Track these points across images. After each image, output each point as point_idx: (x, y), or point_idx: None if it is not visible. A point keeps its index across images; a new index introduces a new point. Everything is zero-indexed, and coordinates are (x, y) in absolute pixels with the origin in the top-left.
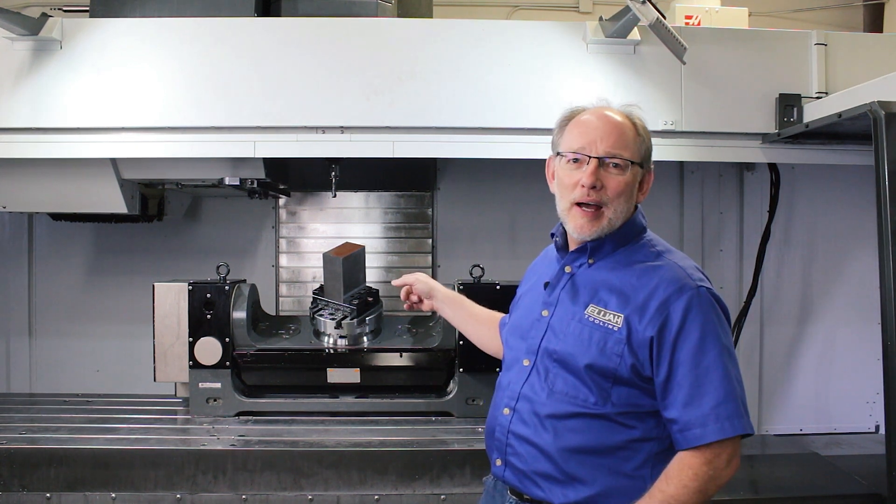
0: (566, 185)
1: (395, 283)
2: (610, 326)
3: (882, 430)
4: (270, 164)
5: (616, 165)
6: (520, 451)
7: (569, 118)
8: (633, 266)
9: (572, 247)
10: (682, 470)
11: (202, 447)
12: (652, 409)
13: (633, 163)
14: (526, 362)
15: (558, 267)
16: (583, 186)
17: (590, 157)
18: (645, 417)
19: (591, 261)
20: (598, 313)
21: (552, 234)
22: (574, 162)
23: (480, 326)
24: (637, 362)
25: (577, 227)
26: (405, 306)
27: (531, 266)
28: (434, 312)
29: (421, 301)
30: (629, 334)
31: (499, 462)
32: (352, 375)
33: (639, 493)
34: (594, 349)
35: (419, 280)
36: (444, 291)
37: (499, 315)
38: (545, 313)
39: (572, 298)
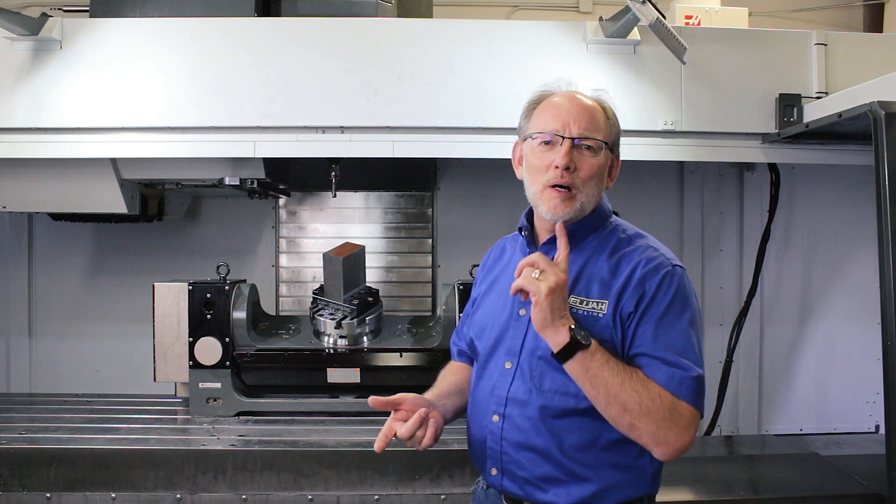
0: (538, 167)
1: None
2: (595, 314)
3: (882, 430)
4: (270, 164)
5: (589, 147)
6: (518, 458)
7: (537, 101)
8: (608, 253)
9: (542, 238)
10: (648, 381)
11: (202, 447)
12: None
13: (606, 144)
14: (508, 365)
15: None
16: (556, 168)
17: (563, 137)
18: None
19: None
20: (581, 303)
21: (520, 228)
22: (546, 144)
23: (463, 379)
24: (625, 341)
25: (552, 209)
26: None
27: (485, 265)
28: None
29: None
30: (614, 317)
31: (494, 471)
32: (352, 375)
33: (640, 484)
34: None
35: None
36: (431, 397)
37: (458, 364)
38: (523, 312)
39: None
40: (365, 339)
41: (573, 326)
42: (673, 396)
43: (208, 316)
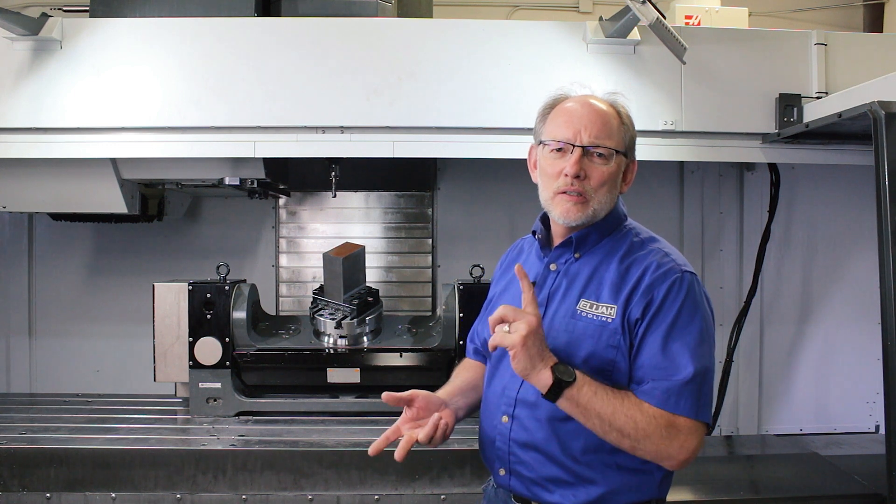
0: (549, 174)
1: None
2: (604, 319)
3: (882, 430)
4: (270, 164)
5: (600, 155)
6: (525, 458)
7: (551, 106)
8: (620, 257)
9: (556, 241)
10: (642, 403)
11: (202, 447)
12: None
13: (617, 152)
14: None
15: (542, 265)
16: (566, 175)
17: (574, 145)
18: None
19: (577, 255)
20: (591, 307)
21: (533, 231)
22: (558, 151)
23: (477, 376)
24: (633, 349)
25: (564, 212)
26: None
27: (503, 265)
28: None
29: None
30: (622, 323)
31: (503, 472)
32: (352, 375)
33: (648, 488)
34: (590, 343)
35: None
36: (444, 395)
37: (472, 361)
38: None
39: (562, 296)
40: (365, 339)
41: (555, 364)
42: (669, 413)
43: (208, 316)
